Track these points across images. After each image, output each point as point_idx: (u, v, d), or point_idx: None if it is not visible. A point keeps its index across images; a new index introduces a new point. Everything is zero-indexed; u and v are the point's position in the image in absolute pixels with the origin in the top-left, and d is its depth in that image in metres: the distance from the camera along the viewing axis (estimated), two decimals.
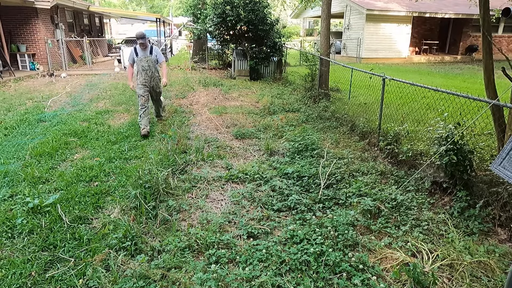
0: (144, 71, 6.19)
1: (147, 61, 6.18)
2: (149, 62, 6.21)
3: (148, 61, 6.20)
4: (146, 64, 6.18)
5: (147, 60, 6.20)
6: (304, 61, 15.29)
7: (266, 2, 12.44)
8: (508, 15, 2.77)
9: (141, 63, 6.17)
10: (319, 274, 2.63)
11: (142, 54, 6.19)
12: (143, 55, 6.18)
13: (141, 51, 6.20)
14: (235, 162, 4.95)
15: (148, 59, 6.20)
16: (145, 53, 6.22)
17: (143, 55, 6.18)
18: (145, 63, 6.18)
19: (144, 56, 6.19)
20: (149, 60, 6.21)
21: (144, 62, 6.18)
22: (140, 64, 6.17)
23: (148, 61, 6.20)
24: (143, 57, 6.17)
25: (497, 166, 1.90)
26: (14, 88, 10.56)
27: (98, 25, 22.19)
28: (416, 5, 17.06)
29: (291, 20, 33.85)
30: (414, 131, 5.10)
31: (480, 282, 2.56)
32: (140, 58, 6.17)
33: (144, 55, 6.20)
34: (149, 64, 6.21)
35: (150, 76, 6.27)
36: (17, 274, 2.64)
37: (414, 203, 3.64)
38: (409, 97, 5.48)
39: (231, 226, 3.34)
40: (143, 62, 6.17)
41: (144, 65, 6.18)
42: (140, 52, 6.20)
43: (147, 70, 6.19)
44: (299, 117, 7.20)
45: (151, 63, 6.23)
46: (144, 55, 6.20)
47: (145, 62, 6.18)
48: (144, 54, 6.21)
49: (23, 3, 13.04)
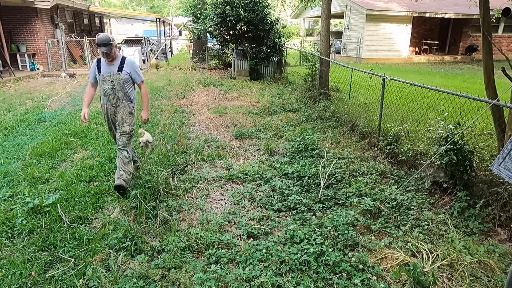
0: (106, 96, 3.98)
1: (111, 82, 3.91)
2: (114, 83, 3.92)
3: (114, 82, 3.92)
4: (110, 86, 3.93)
5: (112, 79, 3.91)
6: (304, 61, 15.28)
7: (266, 2, 12.44)
8: (508, 15, 2.77)
9: (103, 84, 3.94)
10: (319, 274, 2.63)
11: (107, 70, 3.93)
12: (107, 72, 3.92)
13: (106, 66, 3.94)
14: (235, 162, 4.95)
15: (114, 78, 3.91)
16: (111, 68, 3.94)
17: (107, 72, 3.92)
18: (108, 84, 3.92)
19: (108, 73, 3.92)
20: (116, 80, 3.92)
21: (107, 83, 3.92)
22: (102, 86, 3.97)
23: (113, 81, 3.91)
24: (106, 74, 3.91)
25: (497, 166, 1.90)
26: (14, 88, 10.56)
27: (98, 25, 22.19)
28: (416, 5, 17.06)
29: (291, 20, 33.87)
30: (414, 131, 5.10)
31: (480, 282, 2.56)
32: (102, 76, 3.92)
33: (108, 72, 3.92)
34: (114, 87, 3.93)
35: (114, 105, 4.00)
36: (17, 274, 2.64)
37: (414, 203, 3.64)
38: (409, 97, 5.48)
39: (231, 226, 3.34)
40: (106, 83, 3.92)
41: (107, 87, 3.93)
42: (104, 66, 3.94)
43: (110, 95, 3.96)
44: (299, 117, 7.20)
45: (117, 84, 3.93)
46: (109, 71, 3.92)
47: (108, 83, 3.92)
48: (109, 70, 3.93)
49: (23, 3, 13.04)
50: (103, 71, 3.93)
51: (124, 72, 3.95)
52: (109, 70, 3.92)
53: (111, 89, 3.94)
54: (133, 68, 4.02)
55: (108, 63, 3.92)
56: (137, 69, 4.07)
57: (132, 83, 4.07)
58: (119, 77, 3.92)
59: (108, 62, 3.92)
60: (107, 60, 3.91)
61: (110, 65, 3.93)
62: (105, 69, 3.94)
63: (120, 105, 4.01)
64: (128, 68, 3.98)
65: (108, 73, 3.92)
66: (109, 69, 3.93)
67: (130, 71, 3.99)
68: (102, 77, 3.92)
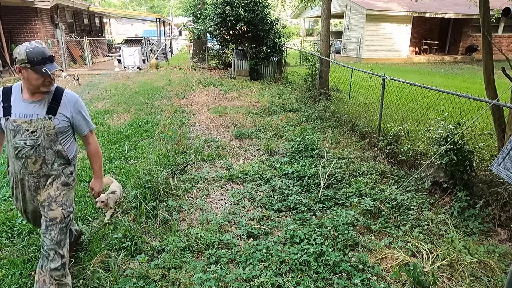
0: (19, 159, 2.28)
1: (33, 133, 2.23)
2: (38, 137, 2.25)
3: (38, 134, 2.24)
4: (29, 142, 2.24)
5: (35, 129, 2.23)
6: (304, 61, 15.29)
7: (266, 2, 12.45)
8: (508, 15, 2.77)
9: (14, 137, 2.23)
10: (319, 274, 2.63)
11: (24, 110, 2.24)
12: (25, 114, 2.23)
13: (22, 102, 2.25)
14: (235, 162, 4.95)
15: (38, 126, 2.24)
16: (34, 108, 2.25)
17: (25, 114, 2.23)
18: (24, 138, 2.23)
19: (27, 119, 2.23)
20: (42, 131, 2.25)
21: (23, 136, 2.23)
22: (12, 141, 2.25)
23: (36, 132, 2.24)
24: (23, 120, 2.22)
25: (497, 166, 1.90)
26: None
27: (98, 25, 22.19)
28: (416, 5, 17.06)
29: (291, 20, 33.87)
30: (414, 131, 5.10)
31: (480, 282, 2.56)
32: (14, 122, 2.21)
33: (28, 115, 2.24)
34: (38, 143, 2.25)
35: (36, 175, 2.33)
36: (17, 274, 2.64)
37: (414, 203, 3.64)
38: (409, 97, 5.48)
39: (231, 226, 3.34)
40: (21, 136, 2.22)
41: (23, 143, 2.23)
42: (19, 104, 2.25)
43: (27, 157, 2.27)
44: (299, 117, 7.20)
45: (45, 138, 2.26)
46: (29, 113, 2.24)
47: (25, 135, 2.23)
48: (29, 110, 2.24)
49: (23, 3, 13.04)
50: (17, 112, 2.18)
51: (61, 117, 2.26)
52: (30, 112, 2.18)
53: (32, 147, 2.20)
54: (76, 109, 2.33)
55: (30, 97, 2.19)
56: (83, 110, 2.39)
57: (72, 135, 2.41)
58: (49, 126, 2.20)
59: (30, 96, 2.19)
60: (33, 91, 2.19)
61: (33, 102, 2.19)
62: (22, 108, 2.18)
63: (47, 173, 2.29)
64: (68, 110, 2.29)
65: (27, 117, 2.17)
66: (29, 110, 2.18)
67: (71, 115, 2.31)
68: (14, 124, 2.17)
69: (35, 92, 2.22)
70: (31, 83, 2.17)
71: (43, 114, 2.22)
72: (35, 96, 2.24)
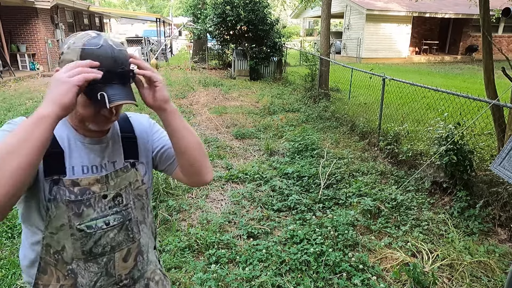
0: (93, 258, 1.02)
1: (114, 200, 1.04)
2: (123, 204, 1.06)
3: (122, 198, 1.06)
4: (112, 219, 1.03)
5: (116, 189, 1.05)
6: (304, 61, 15.28)
7: (266, 2, 12.45)
8: (508, 15, 2.77)
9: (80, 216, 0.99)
10: (319, 274, 2.63)
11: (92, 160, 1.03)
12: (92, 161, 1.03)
13: (83, 148, 1.02)
14: (235, 162, 4.95)
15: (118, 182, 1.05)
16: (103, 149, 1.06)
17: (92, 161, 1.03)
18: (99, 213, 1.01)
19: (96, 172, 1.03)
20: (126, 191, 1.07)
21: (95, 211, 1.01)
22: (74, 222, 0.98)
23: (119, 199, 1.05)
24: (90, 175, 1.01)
25: (497, 166, 1.89)
26: (14, 88, 10.56)
27: (98, 25, 22.19)
28: (416, 5, 17.05)
29: (291, 20, 33.87)
30: (414, 131, 5.10)
31: (480, 282, 2.56)
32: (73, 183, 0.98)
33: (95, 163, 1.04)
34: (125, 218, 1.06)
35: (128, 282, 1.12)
36: (17, 274, 2.64)
37: (414, 203, 3.64)
38: (409, 97, 5.48)
39: (231, 226, 3.34)
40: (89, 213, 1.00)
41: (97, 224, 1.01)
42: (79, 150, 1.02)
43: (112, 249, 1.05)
44: (299, 117, 7.20)
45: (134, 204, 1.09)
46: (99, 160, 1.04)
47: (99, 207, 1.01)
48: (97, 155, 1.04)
49: (23, 3, 13.04)
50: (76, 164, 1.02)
51: (144, 158, 1.16)
52: (99, 161, 1.05)
53: (121, 228, 1.07)
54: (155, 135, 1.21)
55: (95, 134, 1.05)
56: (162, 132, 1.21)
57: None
58: (135, 180, 1.11)
59: (96, 133, 1.05)
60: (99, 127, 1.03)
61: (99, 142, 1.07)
62: (84, 156, 1.03)
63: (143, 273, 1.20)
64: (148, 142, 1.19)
65: (98, 170, 1.04)
66: (97, 157, 1.05)
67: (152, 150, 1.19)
68: (76, 190, 0.99)
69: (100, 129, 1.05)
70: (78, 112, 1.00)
71: (122, 160, 1.10)
72: (101, 133, 1.07)
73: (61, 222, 0.98)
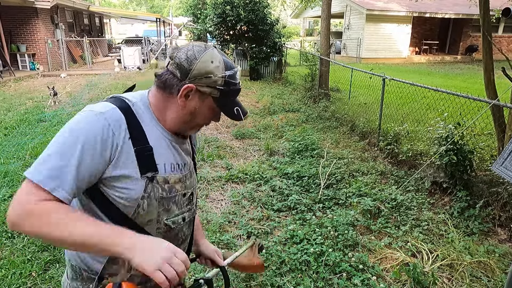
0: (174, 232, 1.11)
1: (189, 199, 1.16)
2: (192, 203, 1.19)
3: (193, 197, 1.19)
4: (187, 215, 1.16)
5: (191, 188, 1.17)
6: (304, 61, 15.28)
7: (266, 2, 12.44)
8: (508, 15, 2.77)
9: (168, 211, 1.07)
10: (319, 274, 2.63)
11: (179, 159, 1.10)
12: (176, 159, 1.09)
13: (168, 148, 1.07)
14: (235, 162, 4.95)
15: (191, 182, 1.17)
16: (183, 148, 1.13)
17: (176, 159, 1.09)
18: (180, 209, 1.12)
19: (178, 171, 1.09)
20: (194, 191, 1.20)
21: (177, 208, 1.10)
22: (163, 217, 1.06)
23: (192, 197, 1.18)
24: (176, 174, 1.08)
25: (499, 166, 1.89)
26: (14, 88, 10.56)
27: (98, 25, 22.18)
28: (416, 5, 17.04)
29: (291, 20, 33.86)
30: (414, 131, 5.10)
31: (480, 282, 2.56)
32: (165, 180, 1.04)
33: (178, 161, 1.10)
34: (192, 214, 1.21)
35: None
36: (17, 274, 2.64)
37: (414, 203, 3.64)
38: (409, 97, 5.48)
39: (231, 226, 3.34)
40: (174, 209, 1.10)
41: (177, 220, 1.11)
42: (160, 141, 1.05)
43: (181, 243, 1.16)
44: (299, 117, 7.20)
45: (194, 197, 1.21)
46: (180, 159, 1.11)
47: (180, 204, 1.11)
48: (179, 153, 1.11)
49: (23, 3, 13.04)
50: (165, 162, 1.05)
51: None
52: (181, 159, 1.11)
53: (190, 225, 1.21)
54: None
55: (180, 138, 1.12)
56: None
57: None
58: (196, 181, 1.25)
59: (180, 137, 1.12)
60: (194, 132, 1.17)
61: (181, 140, 1.13)
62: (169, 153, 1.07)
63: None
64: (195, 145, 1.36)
65: (179, 169, 1.10)
66: (179, 155, 1.11)
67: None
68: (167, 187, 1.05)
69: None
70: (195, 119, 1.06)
71: (191, 162, 1.19)
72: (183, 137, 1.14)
73: (149, 218, 1.03)
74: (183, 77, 0.99)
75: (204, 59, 0.99)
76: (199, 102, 1.02)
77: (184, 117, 1.04)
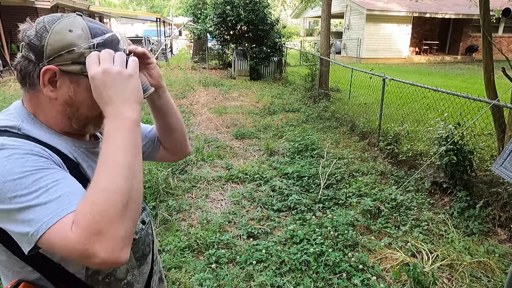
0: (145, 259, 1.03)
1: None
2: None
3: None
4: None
5: None
6: (304, 61, 15.28)
7: (266, 2, 12.45)
8: (508, 15, 2.77)
9: None
10: (319, 274, 2.63)
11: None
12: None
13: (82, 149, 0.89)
14: (235, 162, 4.95)
15: None
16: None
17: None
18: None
19: None
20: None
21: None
22: None
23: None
24: None
25: (499, 166, 1.89)
26: (15, 88, 10.56)
27: None
28: (416, 5, 17.05)
29: (291, 20, 33.86)
30: (414, 131, 5.10)
31: (480, 282, 2.56)
32: None
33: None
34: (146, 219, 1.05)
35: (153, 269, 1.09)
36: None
37: (414, 203, 3.64)
38: (409, 97, 5.48)
39: (231, 226, 3.34)
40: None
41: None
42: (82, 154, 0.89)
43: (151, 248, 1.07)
44: (299, 117, 7.20)
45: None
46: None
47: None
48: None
49: (23, 2, 13.04)
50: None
51: None
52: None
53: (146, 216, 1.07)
54: None
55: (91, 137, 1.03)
56: None
57: None
58: None
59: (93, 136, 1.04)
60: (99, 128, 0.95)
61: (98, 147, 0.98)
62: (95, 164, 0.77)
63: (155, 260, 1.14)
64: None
65: None
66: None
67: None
68: None
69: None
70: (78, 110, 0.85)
71: None
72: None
73: None
74: (39, 59, 0.77)
75: (58, 30, 0.77)
76: (73, 86, 0.79)
77: (63, 111, 0.82)
